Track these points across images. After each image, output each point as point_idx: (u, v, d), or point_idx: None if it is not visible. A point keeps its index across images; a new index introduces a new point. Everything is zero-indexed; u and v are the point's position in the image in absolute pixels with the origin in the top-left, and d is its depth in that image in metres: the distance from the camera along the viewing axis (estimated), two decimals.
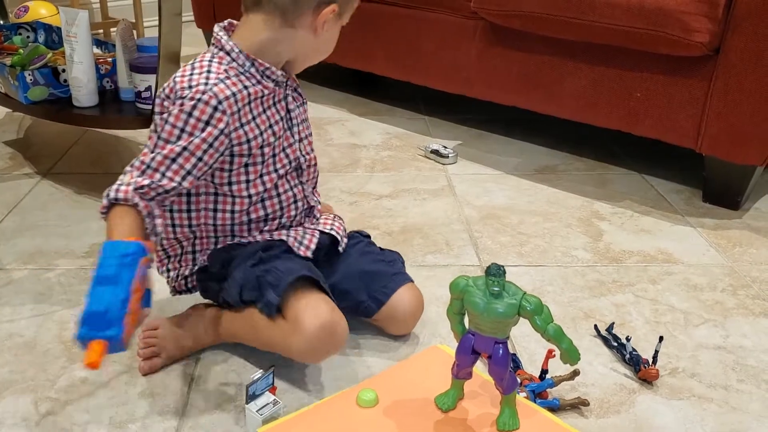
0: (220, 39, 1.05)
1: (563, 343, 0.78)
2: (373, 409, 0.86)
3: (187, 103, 0.99)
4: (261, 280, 1.03)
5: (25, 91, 1.55)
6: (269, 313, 1.02)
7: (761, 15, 1.47)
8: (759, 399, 1.07)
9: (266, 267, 1.04)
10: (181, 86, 1.00)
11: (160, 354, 1.10)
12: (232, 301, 1.07)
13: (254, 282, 1.04)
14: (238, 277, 1.06)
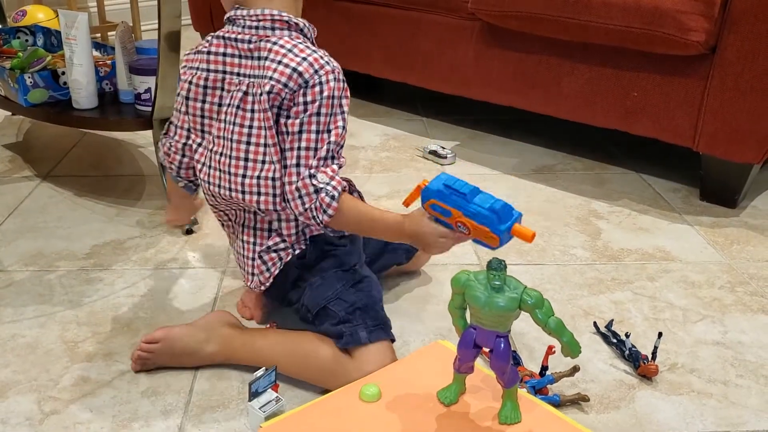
0: (288, 21, 1.04)
1: (564, 336, 0.79)
2: (376, 404, 0.87)
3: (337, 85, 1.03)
4: (358, 313, 1.05)
5: (25, 93, 1.56)
6: (345, 345, 1.03)
7: (757, 14, 1.48)
8: (757, 393, 1.08)
9: (362, 294, 1.08)
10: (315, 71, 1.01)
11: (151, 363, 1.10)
12: (314, 304, 1.08)
13: (351, 307, 1.06)
14: (335, 285, 1.08)
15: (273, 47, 1.03)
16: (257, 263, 1.12)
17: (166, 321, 1.22)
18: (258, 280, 1.13)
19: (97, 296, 1.29)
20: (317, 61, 1.02)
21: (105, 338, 1.17)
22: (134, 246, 1.46)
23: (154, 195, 1.68)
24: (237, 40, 1.05)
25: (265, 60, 1.03)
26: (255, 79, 1.03)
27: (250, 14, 1.04)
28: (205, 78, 1.07)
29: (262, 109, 1.03)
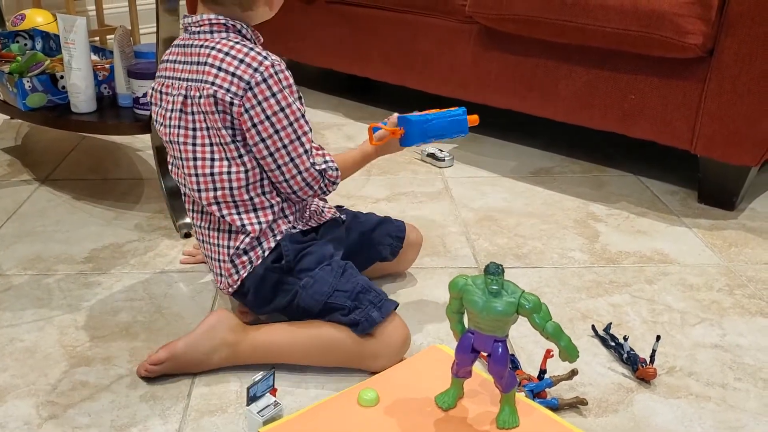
0: (226, 24, 1.09)
1: (562, 340, 0.79)
2: (374, 409, 0.87)
3: (276, 79, 1.06)
4: (361, 297, 1.08)
5: (24, 97, 1.56)
6: (363, 331, 1.07)
7: (754, 17, 1.48)
8: (756, 397, 1.08)
9: (354, 279, 1.11)
10: (254, 70, 1.05)
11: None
12: (314, 303, 1.10)
13: (352, 294, 1.09)
14: (328, 279, 1.10)
15: (211, 52, 1.07)
16: (226, 266, 1.14)
17: (165, 325, 1.22)
18: (226, 282, 1.15)
19: (95, 300, 1.29)
20: (254, 59, 1.06)
21: (103, 342, 1.17)
22: (133, 249, 1.46)
23: (152, 198, 1.68)
24: (185, 45, 1.11)
25: (204, 65, 1.07)
26: (194, 83, 1.08)
27: (194, 20, 1.10)
28: (162, 84, 1.15)
29: (204, 111, 1.07)
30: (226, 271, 1.15)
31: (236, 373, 1.10)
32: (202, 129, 1.09)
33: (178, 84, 1.11)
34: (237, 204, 1.11)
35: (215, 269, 1.17)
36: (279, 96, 1.06)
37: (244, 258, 1.13)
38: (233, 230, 1.13)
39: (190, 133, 1.10)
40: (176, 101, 1.11)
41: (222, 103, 1.05)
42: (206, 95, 1.06)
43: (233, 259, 1.13)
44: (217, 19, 1.08)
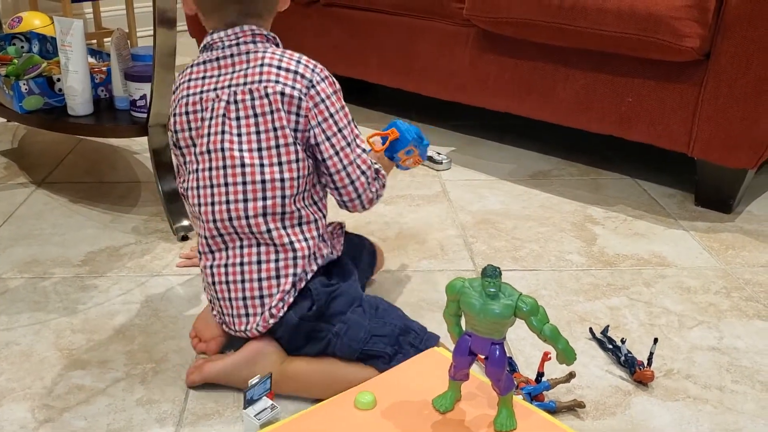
0: (266, 35, 1.09)
1: (559, 343, 0.79)
2: (371, 412, 0.86)
3: (331, 81, 1.09)
4: (401, 340, 1.04)
5: (20, 100, 1.56)
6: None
7: (751, 20, 1.48)
8: (753, 399, 1.08)
9: (390, 321, 1.07)
10: (312, 70, 1.07)
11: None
12: (351, 351, 1.04)
13: (392, 339, 1.04)
14: (363, 324, 1.05)
15: (266, 54, 1.06)
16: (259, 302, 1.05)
17: (161, 328, 1.22)
18: (260, 320, 1.05)
19: (92, 303, 1.28)
20: (309, 62, 1.08)
21: (100, 346, 1.17)
22: (129, 253, 1.46)
23: (149, 201, 1.68)
24: (218, 59, 1.07)
25: (261, 66, 1.05)
26: (242, 87, 1.05)
27: (228, 34, 1.07)
28: (186, 104, 1.08)
29: (258, 114, 1.04)
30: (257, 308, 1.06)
31: None
32: (250, 134, 1.04)
33: (215, 94, 1.06)
34: (284, 216, 1.05)
35: (236, 310, 1.07)
36: (335, 97, 1.08)
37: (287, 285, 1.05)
38: (273, 258, 1.05)
39: (235, 139, 1.04)
40: (216, 108, 1.05)
41: (290, 100, 1.03)
42: (267, 94, 1.03)
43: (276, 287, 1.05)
44: (259, 31, 1.08)
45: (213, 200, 1.06)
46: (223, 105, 1.05)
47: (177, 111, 1.09)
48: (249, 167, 1.04)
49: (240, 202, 1.04)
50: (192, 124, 1.08)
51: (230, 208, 1.05)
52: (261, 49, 1.07)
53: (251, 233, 1.05)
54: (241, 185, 1.04)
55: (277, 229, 1.05)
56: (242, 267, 1.06)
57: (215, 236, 1.07)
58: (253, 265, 1.06)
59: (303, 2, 2.27)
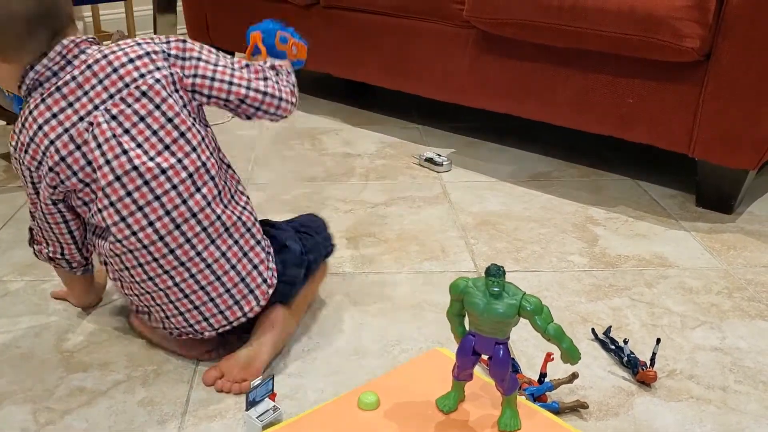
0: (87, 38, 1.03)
1: (564, 342, 0.78)
2: (375, 412, 0.86)
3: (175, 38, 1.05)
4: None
5: (20, 102, 1.55)
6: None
7: (751, 20, 1.49)
8: (756, 399, 1.08)
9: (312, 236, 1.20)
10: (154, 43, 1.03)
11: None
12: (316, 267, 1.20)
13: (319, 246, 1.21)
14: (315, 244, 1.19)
15: (107, 57, 0.99)
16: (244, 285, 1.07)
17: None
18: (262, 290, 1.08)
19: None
20: (145, 40, 1.04)
21: (101, 348, 1.16)
22: None
23: None
24: (59, 88, 0.97)
25: (114, 72, 0.98)
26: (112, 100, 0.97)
27: (51, 58, 0.97)
28: (56, 151, 0.97)
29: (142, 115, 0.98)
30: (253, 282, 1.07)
31: None
32: (148, 139, 0.98)
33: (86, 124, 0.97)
34: (221, 196, 1.04)
35: (222, 305, 1.06)
36: (188, 44, 1.05)
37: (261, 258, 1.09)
38: (233, 242, 1.05)
39: (139, 151, 0.98)
40: (100, 133, 0.97)
41: (166, 82, 0.99)
42: (144, 92, 0.98)
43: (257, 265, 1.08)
44: (79, 38, 1.00)
45: (150, 220, 1.00)
46: (105, 127, 0.97)
47: (49, 164, 0.98)
48: (170, 170, 0.99)
49: (181, 206, 1.00)
50: (75, 167, 0.98)
51: (173, 217, 1.00)
52: (97, 54, 0.99)
53: (203, 229, 1.02)
54: (172, 190, 0.99)
55: (224, 211, 1.05)
56: (210, 268, 1.04)
57: (157, 259, 1.02)
58: (220, 260, 1.04)
59: (302, 4, 2.27)
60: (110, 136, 0.97)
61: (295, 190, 1.78)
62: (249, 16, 2.43)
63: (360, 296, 1.32)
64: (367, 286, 1.36)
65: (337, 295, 1.33)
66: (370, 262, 1.44)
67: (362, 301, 1.31)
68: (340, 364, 1.13)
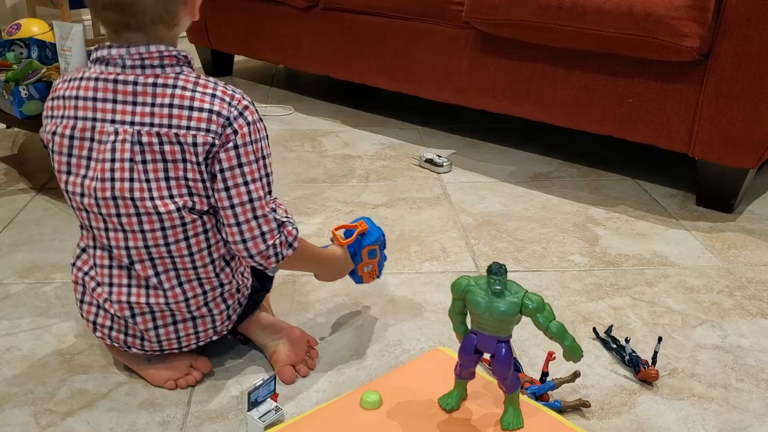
0: (176, 55, 0.95)
1: (566, 340, 0.78)
2: (377, 411, 0.86)
3: (250, 120, 0.96)
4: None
5: (20, 105, 1.56)
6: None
7: (750, 19, 1.49)
8: (759, 397, 1.08)
9: None
10: (228, 104, 0.94)
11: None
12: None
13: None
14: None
15: (175, 91, 0.93)
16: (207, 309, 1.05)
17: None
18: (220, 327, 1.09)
19: None
20: (225, 93, 0.95)
21: (102, 350, 1.16)
22: None
23: None
24: (116, 81, 0.94)
25: (167, 107, 0.93)
26: (149, 127, 0.93)
27: (131, 53, 0.93)
28: (72, 127, 0.95)
29: (168, 160, 0.94)
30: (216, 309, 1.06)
31: (237, 379, 1.09)
32: (159, 180, 0.94)
33: (112, 128, 0.94)
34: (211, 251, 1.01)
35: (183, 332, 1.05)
36: (252, 128, 0.96)
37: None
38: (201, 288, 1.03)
39: (144, 186, 0.94)
40: (120, 150, 0.93)
41: (203, 148, 0.93)
42: (180, 142, 0.92)
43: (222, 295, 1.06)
44: (168, 51, 0.94)
45: (127, 244, 0.99)
46: (128, 147, 0.93)
47: (58, 131, 0.96)
48: (166, 215, 0.96)
49: (161, 246, 0.98)
50: (75, 150, 0.96)
51: (151, 252, 0.99)
52: (171, 80, 0.93)
53: (174, 268, 1.01)
54: (159, 231, 0.97)
55: (206, 264, 1.01)
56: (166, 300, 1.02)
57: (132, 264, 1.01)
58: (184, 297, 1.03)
59: (302, 6, 2.27)
60: (128, 158, 0.94)
61: (295, 192, 1.78)
62: (248, 19, 2.43)
63: (361, 297, 1.32)
64: (368, 286, 1.35)
65: (339, 295, 1.33)
66: None
67: (363, 301, 1.31)
68: (341, 365, 1.13)
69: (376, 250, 1.20)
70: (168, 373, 1.08)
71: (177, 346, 1.07)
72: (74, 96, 0.95)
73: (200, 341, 1.08)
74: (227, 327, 1.10)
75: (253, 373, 1.11)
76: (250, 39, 2.46)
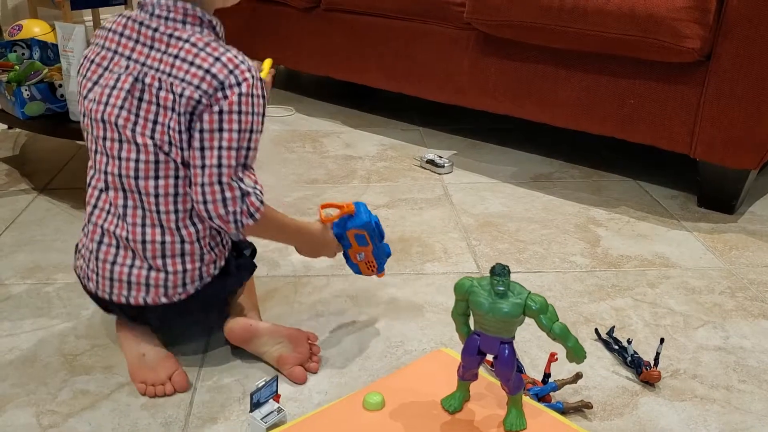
0: (201, 17, 1.02)
1: (569, 341, 0.78)
2: (380, 412, 0.86)
3: (247, 91, 0.99)
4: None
5: (22, 106, 1.56)
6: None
7: (751, 20, 1.49)
8: (761, 399, 1.08)
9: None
10: (229, 71, 0.98)
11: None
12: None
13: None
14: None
15: (184, 45, 0.99)
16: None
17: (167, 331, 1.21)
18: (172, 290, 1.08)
19: (95, 308, 1.27)
20: (231, 61, 0.99)
21: (104, 351, 1.16)
22: None
23: None
24: (142, 24, 1.02)
25: (174, 58, 0.99)
26: (153, 71, 1.00)
27: (161, 3, 1.01)
28: (97, 54, 1.05)
29: (160, 104, 0.99)
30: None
31: (239, 380, 1.09)
32: (147, 120, 1.00)
33: (125, 63, 1.02)
34: (177, 199, 1.04)
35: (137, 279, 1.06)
36: (244, 99, 0.99)
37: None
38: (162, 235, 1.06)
39: (132, 118, 1.01)
40: (122, 81, 1.01)
41: (187, 102, 0.98)
42: (173, 91, 0.98)
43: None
44: (193, 11, 1.01)
45: (106, 169, 1.05)
46: (130, 80, 1.01)
47: (88, 55, 1.07)
48: (143, 146, 1.01)
49: (132, 178, 1.03)
50: (89, 74, 1.05)
51: (123, 182, 1.04)
52: (185, 35, 1.00)
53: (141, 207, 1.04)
54: (134, 162, 1.02)
55: (168, 210, 1.04)
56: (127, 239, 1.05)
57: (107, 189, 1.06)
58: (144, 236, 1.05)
59: (303, 7, 2.27)
60: (126, 89, 1.01)
61: (296, 193, 1.78)
62: (249, 20, 2.44)
63: (363, 298, 1.32)
64: (370, 287, 1.35)
65: (341, 297, 1.33)
66: None
67: (365, 302, 1.31)
68: (343, 366, 1.13)
69: (365, 236, 1.15)
70: (145, 373, 1.08)
71: (126, 294, 1.07)
72: (110, 29, 1.06)
73: (148, 299, 1.06)
74: (179, 294, 1.07)
75: (255, 374, 1.11)
76: (251, 40, 2.46)
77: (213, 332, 1.20)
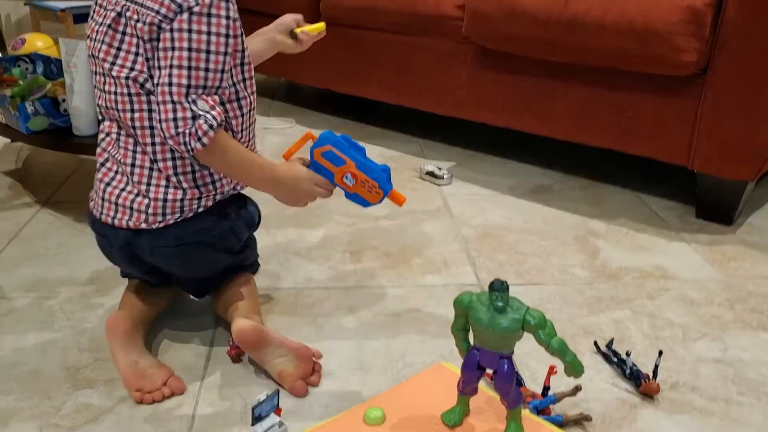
0: None
1: (567, 356, 0.79)
2: (380, 427, 0.87)
3: (213, 3, 1.01)
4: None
5: (26, 121, 1.57)
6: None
7: (747, 33, 1.50)
8: (760, 411, 1.08)
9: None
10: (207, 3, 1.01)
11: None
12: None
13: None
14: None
15: None
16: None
17: (168, 345, 1.22)
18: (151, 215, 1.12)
19: (98, 321, 1.29)
20: None
21: (107, 364, 1.17)
22: None
23: None
24: None
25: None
26: (135, 5, 1.04)
27: None
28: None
29: (139, 36, 1.03)
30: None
31: (240, 394, 1.10)
32: (129, 52, 1.05)
33: (116, 1, 1.07)
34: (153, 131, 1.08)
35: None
36: (196, 18, 1.01)
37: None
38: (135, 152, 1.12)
39: (112, 51, 1.07)
40: (108, 16, 1.07)
41: (150, 29, 1.02)
42: (146, 22, 1.02)
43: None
44: None
45: (99, 102, 1.14)
46: (113, 16, 1.06)
47: (98, 1, 1.12)
48: (116, 80, 1.07)
49: (114, 110, 1.10)
50: (94, 15, 1.12)
51: (110, 113, 1.12)
52: None
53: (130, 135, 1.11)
54: (113, 95, 1.09)
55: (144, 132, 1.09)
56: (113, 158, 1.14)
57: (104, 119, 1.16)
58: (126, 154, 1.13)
59: None
60: (107, 24, 1.07)
61: None
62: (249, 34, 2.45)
63: (363, 310, 1.33)
64: (370, 300, 1.36)
65: (340, 309, 1.33)
66: (373, 276, 1.45)
67: (365, 315, 1.32)
68: (344, 379, 1.13)
69: (334, 152, 1.07)
70: (139, 381, 1.08)
71: (112, 215, 1.13)
72: None
73: (131, 222, 1.12)
74: (159, 223, 1.11)
75: (256, 387, 1.11)
76: None
77: (214, 344, 1.21)
